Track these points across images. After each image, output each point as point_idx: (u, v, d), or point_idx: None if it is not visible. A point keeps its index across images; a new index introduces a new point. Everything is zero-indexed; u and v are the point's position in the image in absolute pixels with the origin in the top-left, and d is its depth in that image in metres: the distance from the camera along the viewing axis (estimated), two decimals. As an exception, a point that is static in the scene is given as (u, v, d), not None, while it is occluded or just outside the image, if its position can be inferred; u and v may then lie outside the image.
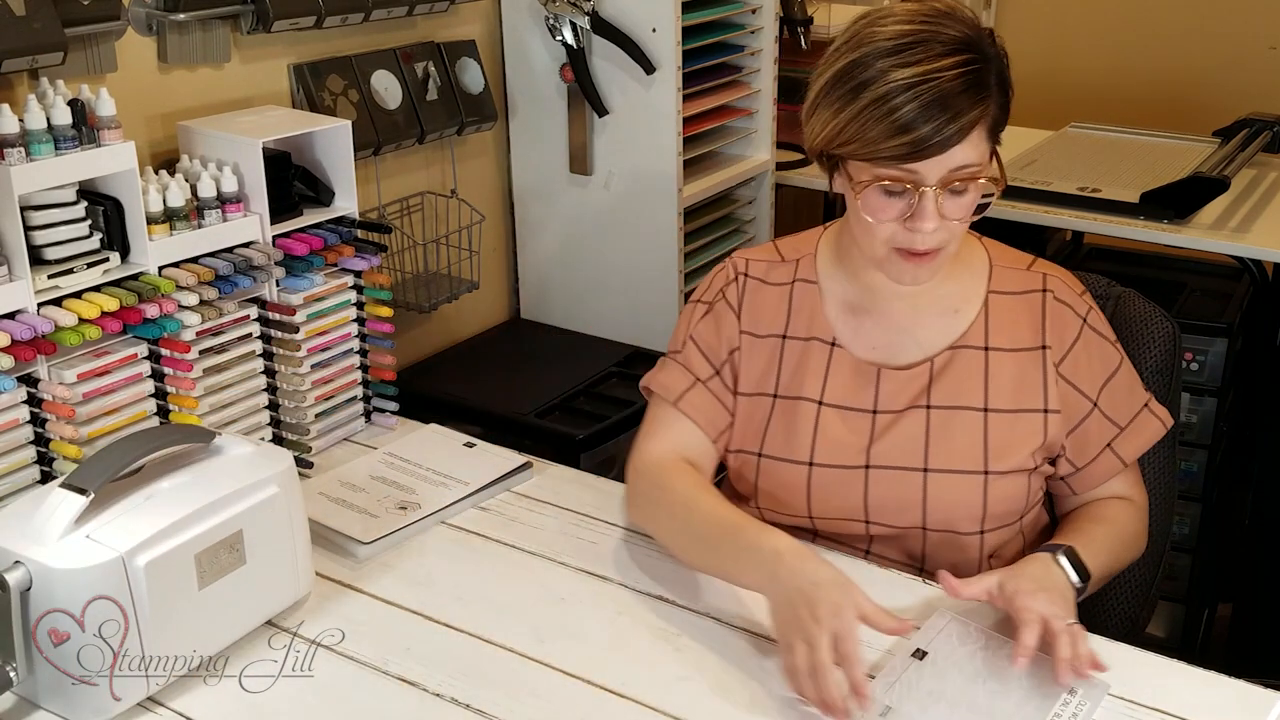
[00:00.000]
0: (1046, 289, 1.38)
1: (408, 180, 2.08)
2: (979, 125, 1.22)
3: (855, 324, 1.40)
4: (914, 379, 1.37)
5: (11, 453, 1.38)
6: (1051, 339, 1.36)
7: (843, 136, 1.24)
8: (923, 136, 1.19)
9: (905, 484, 1.35)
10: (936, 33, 1.22)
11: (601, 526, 1.49)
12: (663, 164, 2.11)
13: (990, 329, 1.37)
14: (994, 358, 1.36)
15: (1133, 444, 1.39)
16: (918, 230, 1.25)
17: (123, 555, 1.10)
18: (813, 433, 1.38)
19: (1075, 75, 3.57)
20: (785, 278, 1.44)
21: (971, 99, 1.20)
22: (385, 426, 1.76)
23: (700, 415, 1.42)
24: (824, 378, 1.39)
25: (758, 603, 1.32)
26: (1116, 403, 1.38)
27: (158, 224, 1.47)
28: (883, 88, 1.20)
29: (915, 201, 1.24)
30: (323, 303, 1.65)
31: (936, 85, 1.19)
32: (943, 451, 1.35)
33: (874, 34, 1.24)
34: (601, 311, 2.26)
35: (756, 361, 1.42)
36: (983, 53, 1.23)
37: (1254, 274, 2.29)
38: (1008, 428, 1.35)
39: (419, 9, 1.95)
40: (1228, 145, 2.54)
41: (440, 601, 1.34)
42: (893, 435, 1.36)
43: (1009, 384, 1.36)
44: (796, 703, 1.15)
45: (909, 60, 1.20)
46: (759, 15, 2.28)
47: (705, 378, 1.43)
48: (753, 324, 1.43)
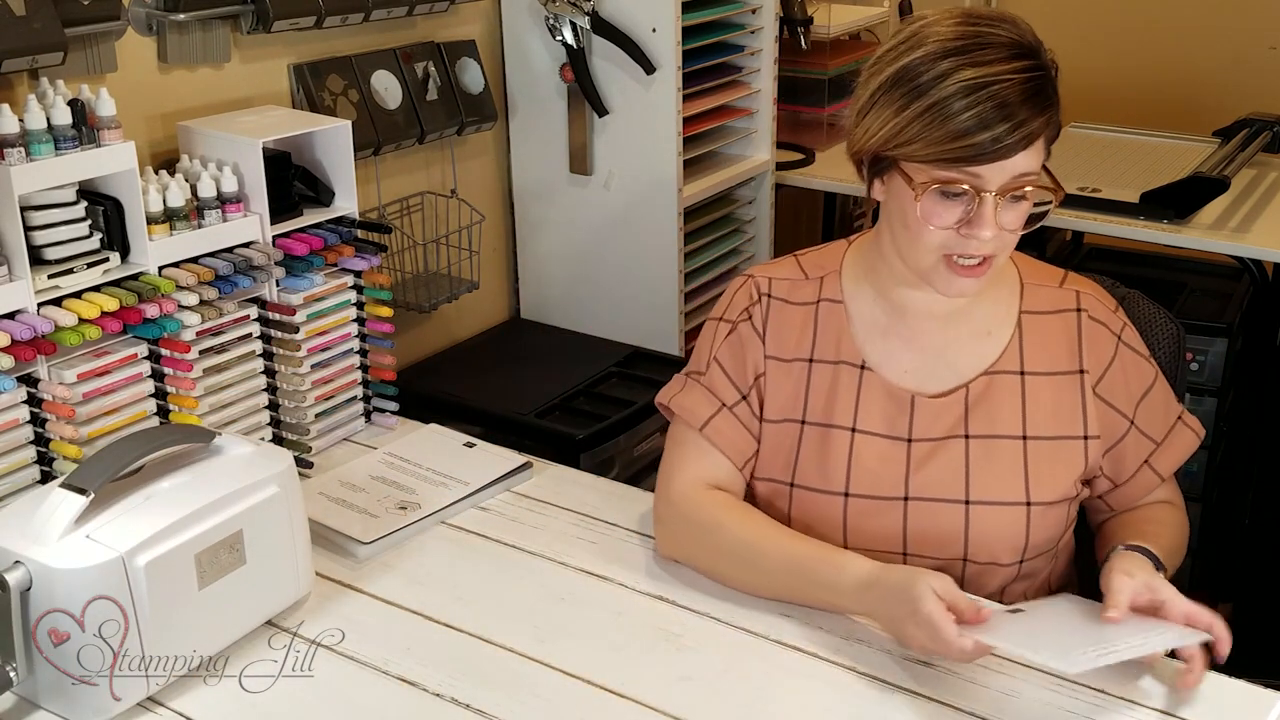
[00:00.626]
0: (1080, 308, 1.34)
1: (408, 180, 2.08)
2: (1043, 135, 1.20)
3: (885, 346, 1.35)
4: (949, 407, 1.33)
5: (11, 453, 1.38)
6: (1089, 362, 1.33)
7: (903, 136, 1.20)
8: (990, 140, 1.16)
9: (947, 517, 1.31)
10: (998, 35, 1.19)
11: (601, 526, 1.49)
12: (663, 164, 2.11)
13: (1025, 352, 1.33)
14: (1030, 382, 1.33)
15: (1169, 458, 1.38)
16: (974, 237, 1.21)
17: (123, 555, 1.10)
18: (847, 462, 1.33)
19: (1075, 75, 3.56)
20: (809, 297, 1.38)
21: (1036, 106, 1.18)
22: (385, 426, 1.76)
23: (727, 444, 1.37)
24: (855, 403, 1.34)
25: (757, 603, 1.33)
26: (1153, 419, 1.36)
27: (158, 224, 1.47)
28: (951, 86, 1.17)
29: (974, 208, 1.20)
30: (323, 303, 1.65)
31: (1005, 88, 1.16)
32: (984, 482, 1.31)
33: (933, 33, 1.21)
34: (601, 311, 2.26)
35: (783, 387, 1.37)
36: (1044, 64, 1.21)
37: (1254, 274, 2.29)
38: (1048, 456, 1.32)
39: (419, 9, 1.95)
40: (1228, 145, 2.54)
41: (440, 601, 1.34)
42: (932, 465, 1.32)
43: (1047, 410, 1.32)
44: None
45: (975, 60, 1.17)
46: (759, 15, 2.28)
47: (731, 403, 1.37)
48: (778, 348, 1.37)
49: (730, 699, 1.19)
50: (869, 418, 1.34)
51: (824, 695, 1.19)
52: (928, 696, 1.19)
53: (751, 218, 2.43)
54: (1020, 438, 1.32)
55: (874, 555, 1.29)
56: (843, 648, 1.25)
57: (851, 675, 1.22)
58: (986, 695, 1.18)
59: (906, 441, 1.33)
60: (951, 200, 1.21)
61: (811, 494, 1.35)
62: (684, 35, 2.05)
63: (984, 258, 1.24)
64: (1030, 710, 1.17)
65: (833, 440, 1.34)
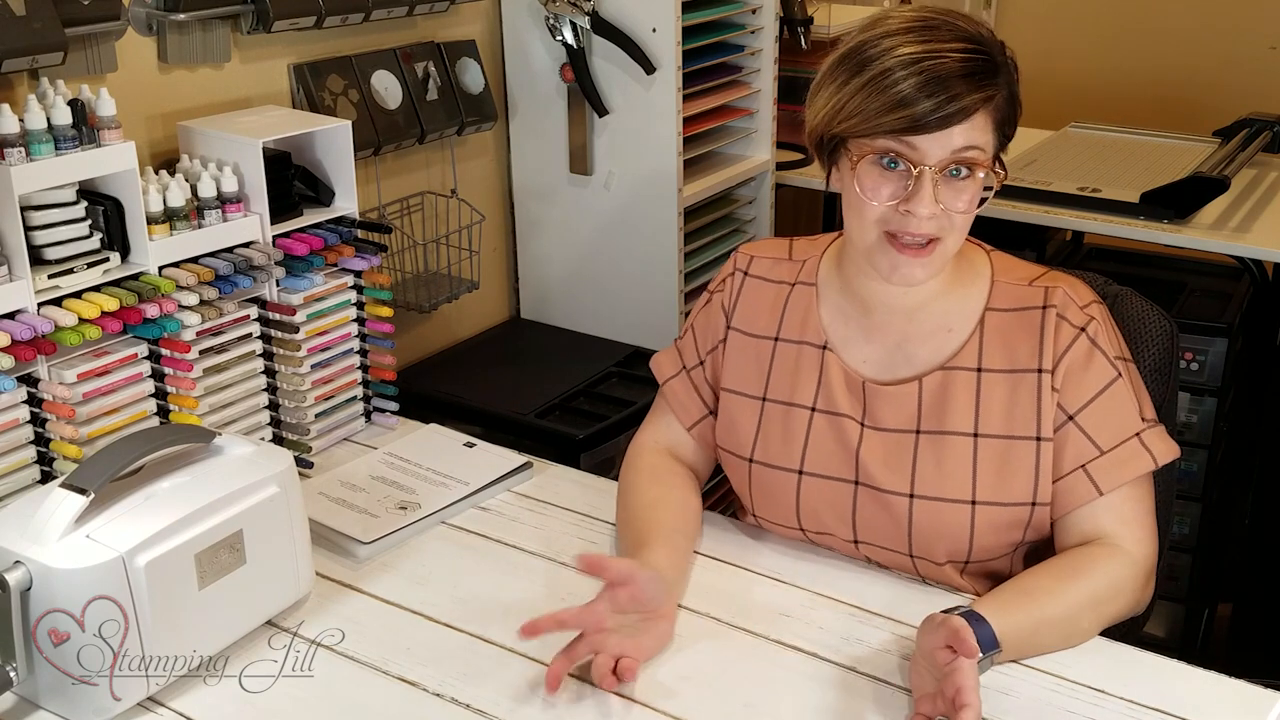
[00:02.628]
0: (1048, 305, 1.30)
1: (408, 180, 2.08)
2: (981, 111, 1.20)
3: (848, 332, 1.36)
4: (902, 398, 1.32)
5: (11, 453, 1.38)
6: (1048, 359, 1.29)
7: (846, 111, 1.22)
8: (922, 111, 1.17)
9: (892, 508, 1.32)
10: (948, 23, 1.22)
11: (601, 526, 1.49)
12: (663, 164, 2.11)
13: (985, 349, 1.31)
14: (986, 380, 1.30)
15: (1113, 473, 1.27)
16: (913, 213, 1.21)
17: (123, 555, 1.10)
18: (804, 440, 1.36)
19: (1075, 75, 3.57)
20: (787, 277, 1.42)
21: (975, 84, 1.19)
22: (385, 426, 1.76)
23: (677, 404, 1.47)
24: (817, 384, 1.36)
25: (758, 603, 1.33)
26: (1102, 422, 1.28)
27: (158, 224, 1.47)
28: (888, 61, 1.19)
29: (912, 183, 1.20)
30: (323, 303, 1.65)
31: (942, 64, 1.18)
32: (930, 478, 1.30)
33: (885, 20, 1.24)
34: (601, 311, 2.26)
35: (743, 360, 1.41)
36: (990, 52, 1.22)
37: (1254, 274, 2.29)
38: (999, 455, 1.29)
39: (419, 9, 1.95)
40: (1228, 145, 2.54)
41: (440, 601, 1.34)
42: (882, 455, 1.32)
43: (1001, 409, 1.29)
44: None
45: (917, 39, 1.20)
46: (759, 15, 2.28)
47: (690, 366, 1.46)
48: (744, 321, 1.42)
49: (730, 699, 1.19)
50: (828, 398, 1.36)
51: (824, 695, 1.19)
52: (928, 696, 1.19)
53: (751, 218, 2.43)
54: (971, 435, 1.30)
55: (829, 539, 1.39)
56: (843, 648, 1.26)
57: (851, 675, 1.22)
58: (986, 695, 1.18)
59: (860, 425, 1.34)
60: (889, 173, 1.22)
61: (768, 470, 1.38)
62: (684, 35, 2.05)
63: (929, 239, 1.23)
64: (1029, 710, 1.17)
65: (793, 418, 1.37)
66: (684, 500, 1.41)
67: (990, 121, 1.22)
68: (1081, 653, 1.24)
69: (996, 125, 1.23)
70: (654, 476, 1.44)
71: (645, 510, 1.39)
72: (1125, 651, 1.25)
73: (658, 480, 1.43)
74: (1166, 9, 3.49)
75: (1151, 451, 1.28)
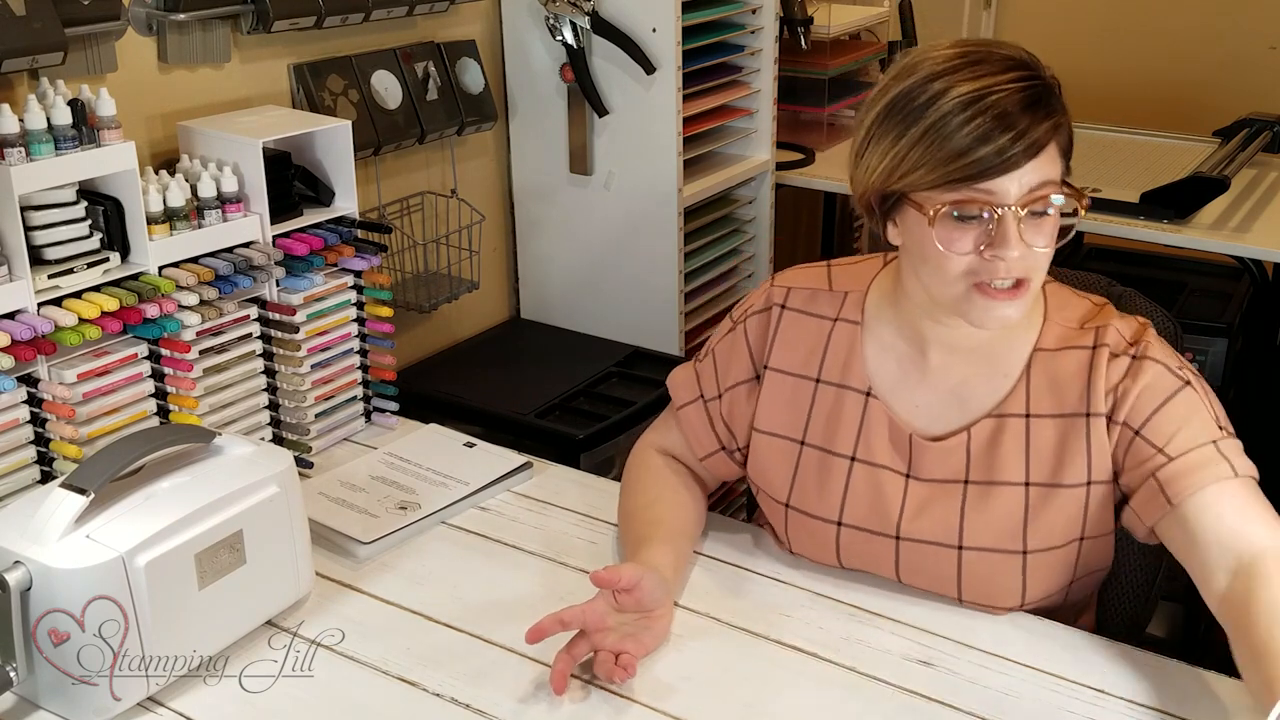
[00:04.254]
0: (1099, 344, 1.24)
1: (408, 180, 2.08)
2: (1051, 142, 1.13)
3: (899, 376, 1.29)
4: (950, 450, 1.27)
5: (11, 453, 1.38)
6: (1099, 401, 1.22)
7: (905, 165, 1.14)
8: (993, 152, 1.10)
9: (939, 560, 1.28)
10: (990, 53, 1.15)
11: (601, 526, 1.49)
12: (663, 164, 2.11)
13: (1032, 393, 1.25)
14: (1035, 425, 1.25)
15: (1185, 480, 1.17)
16: (1000, 257, 1.13)
17: (123, 555, 1.10)
18: (844, 491, 1.31)
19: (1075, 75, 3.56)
20: (828, 311, 1.34)
21: (1039, 114, 1.12)
22: (385, 426, 1.76)
23: (690, 433, 1.42)
24: (858, 432, 1.30)
25: (758, 603, 1.33)
26: (1166, 428, 1.20)
27: (158, 224, 1.47)
28: (944, 104, 1.11)
29: (994, 226, 1.13)
30: (323, 303, 1.65)
31: (1003, 97, 1.11)
32: (979, 528, 1.26)
33: (923, 61, 1.16)
34: (601, 311, 2.26)
35: (780, 401, 1.35)
36: (1043, 75, 1.15)
37: (1254, 274, 2.29)
38: (1049, 503, 1.24)
39: (419, 9, 1.95)
40: (1228, 145, 2.54)
41: (440, 601, 1.34)
42: (928, 508, 1.28)
43: (1050, 455, 1.24)
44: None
45: (968, 76, 1.12)
46: (759, 15, 2.28)
47: (708, 397, 1.40)
48: (783, 360, 1.35)
49: (730, 699, 1.19)
50: (868, 449, 1.30)
51: (824, 695, 1.19)
52: (928, 696, 1.19)
53: (751, 218, 2.43)
54: (1023, 484, 1.25)
55: (869, 576, 1.34)
56: (843, 648, 1.25)
57: (852, 675, 1.22)
58: (986, 695, 1.18)
59: (905, 478, 1.29)
60: (968, 223, 1.14)
61: (805, 517, 1.34)
62: (684, 35, 2.05)
63: (1017, 280, 1.16)
64: (1030, 710, 1.17)
65: (832, 466, 1.32)
66: (686, 500, 1.41)
67: (1058, 149, 1.15)
68: (1081, 652, 1.24)
69: (1063, 152, 1.17)
70: (657, 476, 1.43)
71: (646, 509, 1.39)
72: (1125, 651, 1.25)
73: (661, 480, 1.42)
74: (1166, 9, 3.49)
75: (1231, 462, 1.19)
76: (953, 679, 1.21)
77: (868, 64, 2.91)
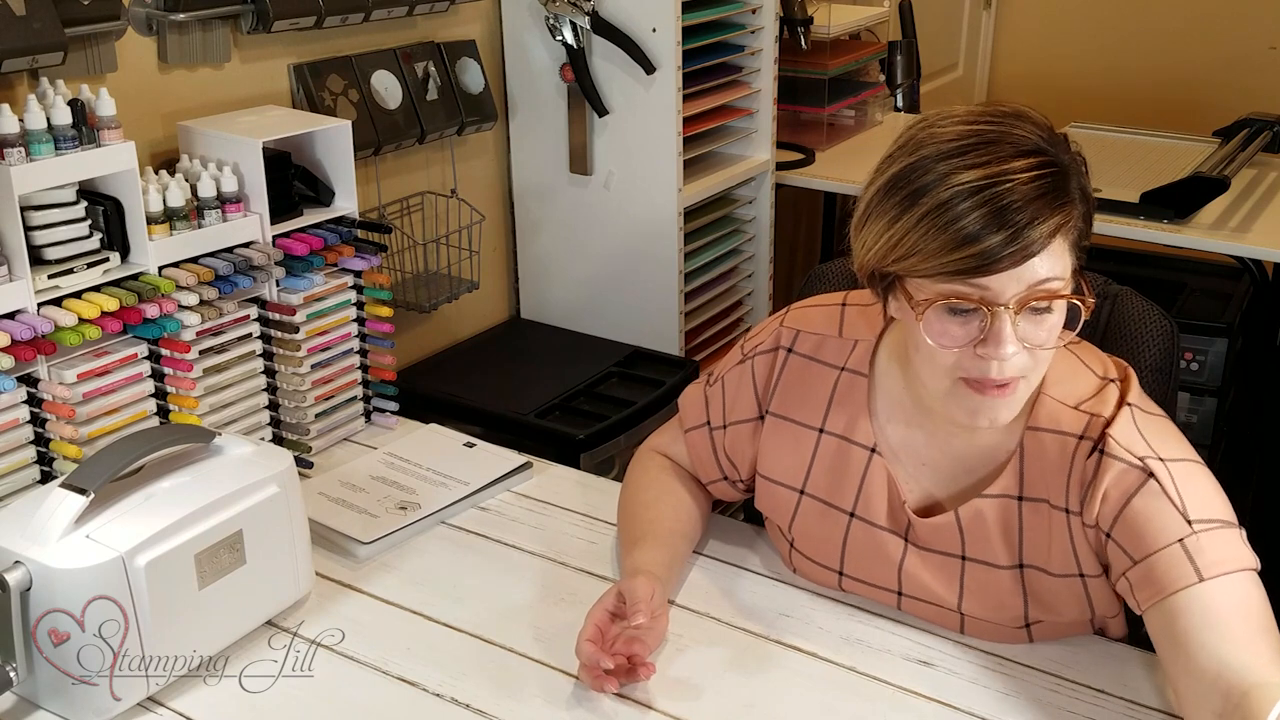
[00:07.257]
0: (1084, 436, 1.15)
1: (408, 180, 2.08)
2: (1059, 235, 1.04)
3: (906, 435, 1.24)
4: (942, 529, 1.22)
5: (11, 453, 1.38)
6: (1074, 500, 1.16)
7: (898, 250, 1.06)
8: (993, 247, 1.02)
9: (941, 615, 1.27)
10: (1005, 133, 1.05)
11: (601, 526, 1.49)
12: (663, 164, 2.11)
13: (1025, 474, 1.18)
14: (1028, 509, 1.19)
15: (1151, 583, 1.09)
16: (992, 357, 1.06)
17: (123, 555, 1.10)
18: (842, 544, 1.29)
19: (1075, 75, 3.57)
20: (835, 360, 1.28)
21: (1049, 205, 1.03)
22: (385, 426, 1.76)
23: (695, 457, 1.41)
24: (858, 489, 1.26)
25: (758, 603, 1.33)
26: (1130, 531, 1.12)
27: (158, 224, 1.47)
28: (945, 192, 1.03)
29: (988, 324, 1.05)
30: (323, 303, 1.65)
31: (1008, 189, 1.02)
32: (979, 600, 1.23)
33: (933, 135, 1.07)
34: (601, 311, 2.26)
35: (782, 448, 1.32)
36: (1058, 158, 1.06)
37: (1254, 274, 2.29)
38: (1046, 585, 1.20)
39: (419, 9, 1.95)
40: (1228, 145, 2.54)
41: (440, 601, 1.34)
42: (927, 572, 1.25)
43: (1042, 542, 1.18)
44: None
45: (974, 161, 1.03)
46: (759, 15, 2.28)
47: (714, 425, 1.38)
48: (785, 405, 1.31)
49: (730, 699, 1.19)
50: (869, 508, 1.26)
51: (824, 695, 1.19)
52: (928, 696, 1.19)
53: (751, 218, 2.43)
54: (1017, 567, 1.20)
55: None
56: (843, 648, 1.26)
57: (851, 675, 1.22)
58: (987, 695, 1.19)
59: (904, 541, 1.26)
60: (961, 317, 1.07)
61: (808, 561, 1.35)
62: (684, 35, 2.05)
63: (1005, 381, 1.09)
64: (1030, 710, 1.17)
65: (830, 519, 1.29)
66: (685, 501, 1.40)
67: (1068, 243, 1.07)
68: (1081, 653, 1.24)
69: (1074, 244, 1.08)
70: (659, 477, 1.43)
71: (645, 509, 1.39)
72: (1125, 651, 1.25)
73: (661, 481, 1.42)
74: (1166, 9, 3.49)
75: (1193, 560, 1.07)
76: (953, 679, 1.21)
77: (868, 64, 2.92)
